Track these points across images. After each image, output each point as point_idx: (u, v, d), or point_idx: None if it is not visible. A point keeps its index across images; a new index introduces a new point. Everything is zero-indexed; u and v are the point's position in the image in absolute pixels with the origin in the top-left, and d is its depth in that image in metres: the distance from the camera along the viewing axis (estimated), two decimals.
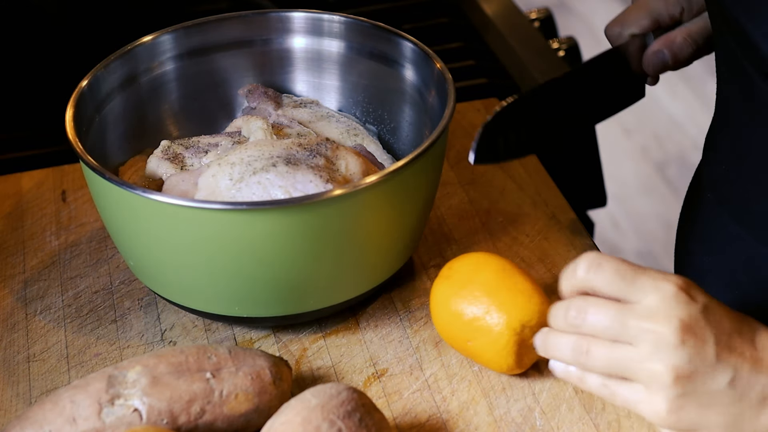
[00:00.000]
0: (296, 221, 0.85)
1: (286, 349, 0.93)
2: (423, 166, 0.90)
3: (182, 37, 1.04)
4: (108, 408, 0.79)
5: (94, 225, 1.06)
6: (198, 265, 0.88)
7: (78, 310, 0.97)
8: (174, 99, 1.05)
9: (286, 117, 1.03)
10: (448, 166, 1.11)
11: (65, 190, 1.11)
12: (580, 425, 0.85)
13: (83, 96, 0.96)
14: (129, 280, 1.00)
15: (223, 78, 1.07)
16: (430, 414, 0.87)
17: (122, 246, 0.94)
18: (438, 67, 0.97)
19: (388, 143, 1.05)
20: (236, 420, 0.81)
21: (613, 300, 0.77)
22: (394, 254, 0.94)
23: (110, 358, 0.93)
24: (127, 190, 0.86)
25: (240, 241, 0.85)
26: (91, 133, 0.96)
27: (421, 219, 0.95)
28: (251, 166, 0.91)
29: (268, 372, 0.82)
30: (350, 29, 1.05)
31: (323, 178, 0.90)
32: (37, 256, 1.03)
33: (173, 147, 0.99)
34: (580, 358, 0.78)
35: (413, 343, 0.93)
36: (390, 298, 0.97)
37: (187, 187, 0.93)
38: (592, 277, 0.78)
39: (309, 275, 0.89)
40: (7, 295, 1.00)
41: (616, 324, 0.76)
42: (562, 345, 0.79)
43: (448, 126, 0.92)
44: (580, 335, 0.78)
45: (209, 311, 0.92)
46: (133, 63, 1.01)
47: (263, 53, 1.07)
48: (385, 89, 1.04)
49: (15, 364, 0.93)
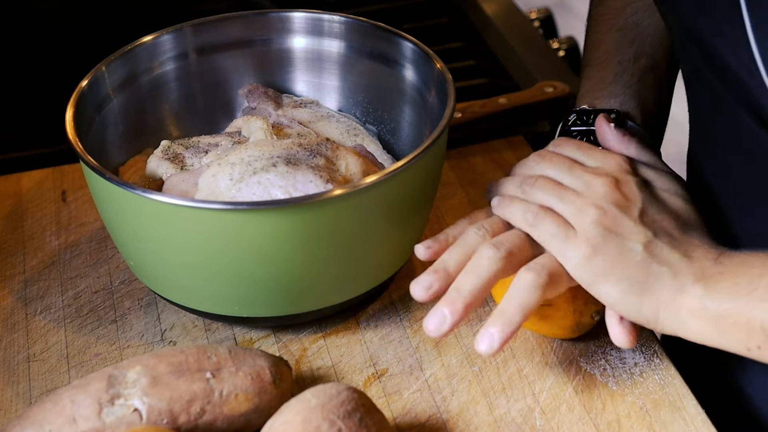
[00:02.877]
0: (296, 221, 0.85)
1: (286, 349, 0.93)
2: (423, 166, 0.90)
3: (182, 37, 1.04)
4: (108, 408, 0.79)
5: (94, 225, 1.06)
6: (198, 265, 0.88)
7: (78, 310, 0.97)
8: (174, 99, 1.05)
9: (286, 117, 1.03)
10: (448, 166, 1.11)
11: (65, 190, 1.11)
12: (580, 425, 0.85)
13: (83, 96, 0.96)
14: (129, 280, 1.00)
15: (223, 78, 1.07)
16: (430, 414, 0.87)
17: (122, 246, 0.93)
18: (438, 67, 0.97)
19: (388, 143, 1.05)
20: (236, 420, 0.81)
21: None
22: (394, 254, 0.94)
23: (110, 358, 0.93)
24: (127, 190, 0.86)
25: (240, 241, 0.85)
26: (91, 133, 0.96)
27: (421, 219, 0.95)
28: (251, 166, 0.91)
29: (268, 372, 0.82)
30: (350, 29, 1.05)
31: (323, 178, 0.90)
32: (37, 256, 1.03)
33: (173, 147, 0.99)
34: (525, 185, 0.87)
35: (413, 343, 0.93)
36: (390, 298, 0.97)
37: (187, 187, 0.93)
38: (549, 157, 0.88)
39: (309, 275, 0.89)
40: (7, 295, 0.99)
41: (564, 169, 0.87)
42: (512, 180, 0.89)
43: (448, 126, 0.92)
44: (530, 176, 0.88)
45: (209, 311, 0.92)
46: (133, 63, 1.01)
47: (263, 53, 1.07)
48: (385, 89, 1.04)
49: (15, 364, 0.93)
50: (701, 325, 0.80)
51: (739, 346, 0.79)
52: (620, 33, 1.02)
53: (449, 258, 0.84)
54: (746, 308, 0.78)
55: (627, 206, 0.84)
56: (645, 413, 0.86)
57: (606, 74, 1.01)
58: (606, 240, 0.82)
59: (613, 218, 0.83)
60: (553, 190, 0.85)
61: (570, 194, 0.85)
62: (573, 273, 0.83)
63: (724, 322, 0.79)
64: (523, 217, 0.85)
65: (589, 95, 1.01)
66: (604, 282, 0.82)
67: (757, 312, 0.77)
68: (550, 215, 0.84)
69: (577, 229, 0.83)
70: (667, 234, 0.83)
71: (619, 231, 0.82)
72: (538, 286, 0.82)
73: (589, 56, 1.04)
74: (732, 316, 0.78)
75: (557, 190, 0.85)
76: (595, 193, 0.84)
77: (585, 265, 0.82)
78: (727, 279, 0.79)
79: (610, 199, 0.84)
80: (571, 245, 0.83)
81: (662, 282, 0.81)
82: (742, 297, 0.78)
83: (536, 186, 0.86)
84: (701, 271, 0.81)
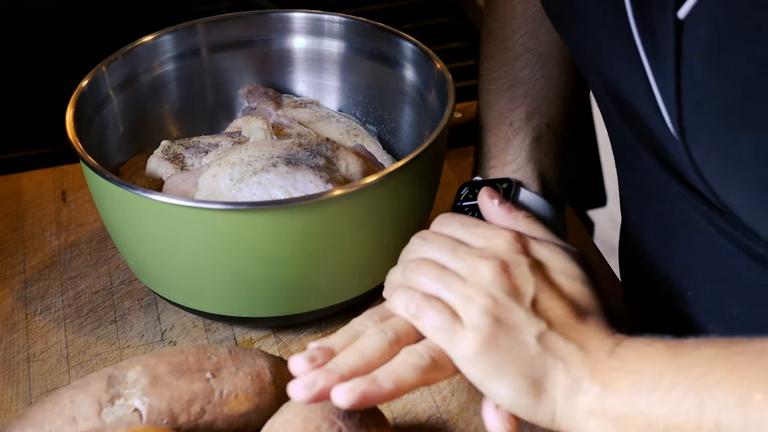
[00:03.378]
0: (296, 221, 0.85)
1: (286, 349, 0.93)
2: (423, 166, 0.90)
3: (182, 37, 1.04)
4: (108, 408, 0.79)
5: (94, 225, 1.06)
6: (198, 265, 0.88)
7: (78, 310, 0.97)
8: (174, 99, 1.05)
9: (286, 117, 1.03)
10: (448, 166, 1.11)
11: (65, 190, 1.11)
12: None
13: (83, 96, 0.96)
14: (129, 280, 1.00)
15: (223, 78, 1.07)
16: (430, 414, 0.87)
17: (122, 246, 0.94)
18: (438, 67, 0.97)
19: (388, 143, 1.05)
20: (236, 420, 0.81)
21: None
22: (394, 254, 0.93)
23: (110, 358, 0.93)
24: (127, 190, 0.86)
25: (240, 241, 0.85)
26: (91, 133, 0.96)
27: (421, 219, 0.95)
28: (251, 166, 0.91)
29: (268, 372, 0.82)
30: (350, 29, 1.05)
31: (323, 179, 0.90)
32: (37, 256, 1.03)
33: (173, 147, 0.99)
34: (407, 271, 0.78)
35: None
36: None
37: (187, 187, 0.93)
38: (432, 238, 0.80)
39: (309, 275, 0.89)
40: (7, 295, 0.99)
41: (447, 251, 0.78)
42: (396, 268, 0.80)
43: (448, 126, 0.92)
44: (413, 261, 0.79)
45: (209, 311, 0.92)
46: (133, 63, 1.01)
47: (263, 53, 1.07)
48: (385, 89, 1.04)
49: (15, 364, 0.93)
50: (601, 427, 0.72)
51: None
52: (510, 91, 0.97)
53: (335, 340, 0.76)
54: (649, 410, 0.70)
55: (517, 294, 0.75)
56: None
57: (498, 140, 0.97)
58: (497, 332, 0.73)
59: (504, 307, 0.74)
60: (436, 276, 0.77)
61: (455, 280, 0.76)
62: (463, 369, 0.74)
63: (625, 423, 0.71)
64: (405, 308, 0.76)
65: (483, 165, 0.97)
66: (498, 380, 0.73)
67: (659, 414, 0.70)
68: (434, 305, 0.75)
69: (464, 320, 0.74)
70: (562, 323, 0.75)
71: (511, 322, 0.74)
72: (419, 367, 0.74)
73: (482, 120, 0.99)
74: (633, 418, 0.71)
75: (441, 276, 0.77)
76: (482, 279, 0.75)
77: (475, 361, 0.73)
78: (626, 377, 0.72)
79: (499, 285, 0.75)
80: (459, 338, 0.74)
81: (556, 378, 0.73)
82: (643, 398, 0.71)
83: (418, 271, 0.78)
84: (597, 366, 0.73)
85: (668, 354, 0.72)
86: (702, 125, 0.72)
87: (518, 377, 0.73)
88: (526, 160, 0.96)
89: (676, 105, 0.73)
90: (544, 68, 0.97)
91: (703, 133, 0.72)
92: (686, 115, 0.72)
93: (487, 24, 1.01)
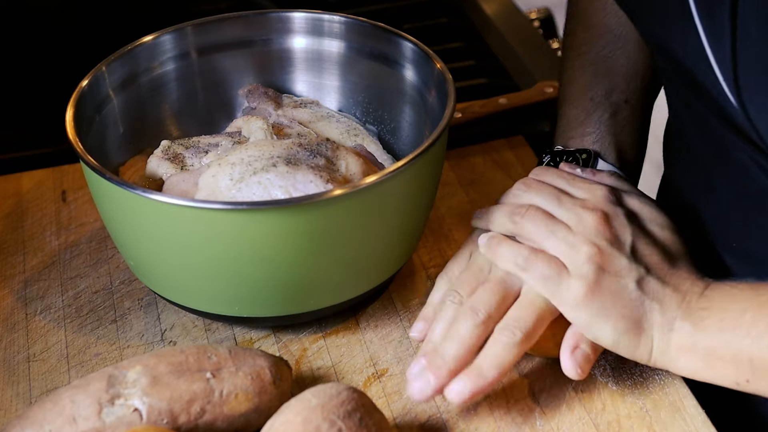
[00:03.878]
0: (296, 221, 0.85)
1: (286, 349, 0.93)
2: (423, 166, 0.90)
3: (182, 37, 1.04)
4: (108, 408, 0.79)
5: (94, 225, 1.06)
6: (198, 265, 0.88)
7: (78, 310, 0.97)
8: (174, 99, 1.05)
9: (286, 117, 1.03)
10: (448, 166, 1.11)
11: (65, 190, 1.11)
12: (580, 425, 0.85)
13: (83, 96, 0.96)
14: (129, 280, 1.00)
15: (223, 78, 1.07)
16: (430, 414, 0.87)
17: (122, 246, 0.94)
18: (438, 67, 0.97)
19: (388, 143, 1.05)
20: (236, 420, 0.81)
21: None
22: (394, 254, 0.94)
23: (110, 358, 0.93)
24: (127, 190, 0.86)
25: (240, 241, 0.85)
26: (91, 133, 0.96)
27: (421, 219, 0.95)
28: (251, 166, 0.91)
29: (268, 372, 0.82)
30: (350, 29, 1.05)
31: (323, 179, 0.90)
32: (37, 256, 1.03)
33: (173, 147, 0.99)
34: (515, 215, 0.86)
35: (413, 343, 0.93)
36: (390, 298, 0.97)
37: (187, 187, 0.93)
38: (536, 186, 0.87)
39: (309, 275, 0.89)
40: (7, 295, 0.99)
41: (553, 199, 0.86)
42: (502, 210, 0.87)
43: (448, 126, 0.92)
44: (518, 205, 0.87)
45: (209, 311, 0.92)
46: (133, 63, 1.01)
47: (263, 53, 1.07)
48: (385, 89, 1.04)
49: (15, 364, 0.93)
50: (691, 361, 0.81)
51: (728, 380, 0.80)
52: (593, 67, 1.02)
53: (434, 335, 0.85)
54: (733, 343, 0.79)
55: (618, 242, 0.83)
56: (645, 413, 0.86)
57: (579, 112, 1.00)
58: (600, 279, 0.82)
59: (607, 255, 0.82)
60: (545, 223, 0.85)
61: (561, 228, 0.84)
62: (569, 315, 0.83)
63: (712, 357, 0.80)
64: (514, 261, 0.84)
65: (564, 135, 1.00)
66: (603, 323, 0.82)
67: (743, 346, 0.78)
68: (541, 257, 0.83)
69: (570, 269, 0.83)
70: (657, 268, 0.83)
71: (613, 269, 0.82)
72: (514, 344, 0.82)
73: (564, 93, 1.03)
74: (719, 351, 0.79)
75: (549, 224, 0.84)
76: (587, 229, 0.83)
77: (582, 306, 0.82)
78: (713, 315, 0.80)
79: (602, 235, 0.83)
80: (566, 286, 0.82)
81: (653, 319, 0.82)
82: (728, 333, 0.79)
83: (527, 217, 0.86)
84: (688, 307, 0.81)
85: (751, 294, 0.80)
86: (759, 83, 0.75)
87: (620, 319, 0.81)
88: (605, 133, 0.99)
89: (731, 64, 0.76)
90: (625, 48, 1.01)
91: (760, 91, 0.75)
92: (741, 73, 0.76)
93: (572, 3, 1.06)
